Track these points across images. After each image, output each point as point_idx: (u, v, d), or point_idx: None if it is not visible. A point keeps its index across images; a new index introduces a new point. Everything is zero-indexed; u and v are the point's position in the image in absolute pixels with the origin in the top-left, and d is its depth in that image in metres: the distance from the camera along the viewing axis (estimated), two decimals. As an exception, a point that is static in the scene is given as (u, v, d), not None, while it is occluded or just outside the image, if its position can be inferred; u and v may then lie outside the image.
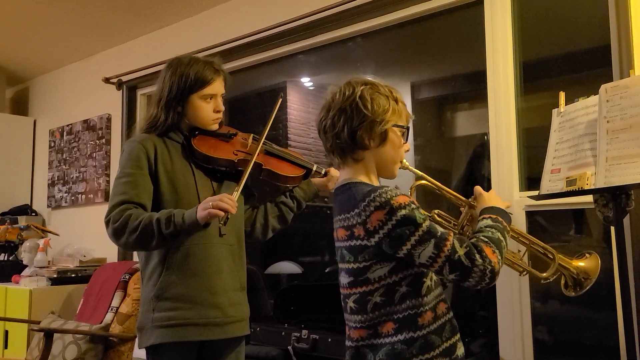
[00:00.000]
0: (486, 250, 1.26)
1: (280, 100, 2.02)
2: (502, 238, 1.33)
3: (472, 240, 1.30)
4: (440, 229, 1.28)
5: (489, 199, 1.50)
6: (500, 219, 1.40)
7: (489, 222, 1.38)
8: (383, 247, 1.28)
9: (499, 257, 1.28)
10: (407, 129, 1.44)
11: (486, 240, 1.30)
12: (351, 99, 1.37)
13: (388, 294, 1.32)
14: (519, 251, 1.63)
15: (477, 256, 1.25)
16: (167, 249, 1.76)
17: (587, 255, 1.59)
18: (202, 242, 1.79)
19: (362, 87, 1.38)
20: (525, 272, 1.60)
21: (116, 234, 1.70)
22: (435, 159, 3.07)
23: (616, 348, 1.93)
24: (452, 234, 1.28)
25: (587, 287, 1.55)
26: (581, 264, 1.58)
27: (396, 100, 1.41)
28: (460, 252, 1.25)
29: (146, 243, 1.68)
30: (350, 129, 1.36)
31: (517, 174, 2.28)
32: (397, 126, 1.41)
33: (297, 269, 3.41)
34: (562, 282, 1.60)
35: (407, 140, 1.45)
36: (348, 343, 1.41)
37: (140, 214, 1.69)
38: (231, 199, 1.65)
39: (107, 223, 1.71)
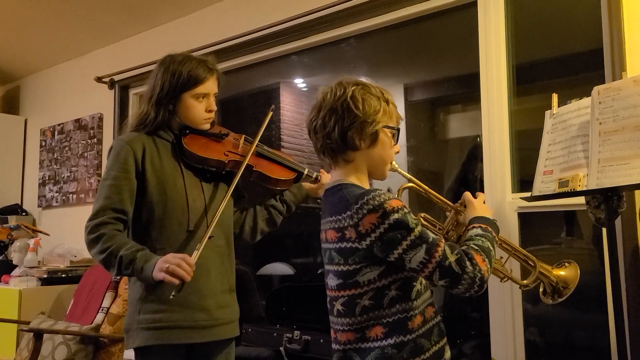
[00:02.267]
0: (476, 258, 1.27)
1: (271, 113, 2.01)
2: (491, 247, 1.34)
3: (463, 248, 1.30)
4: (432, 235, 1.27)
5: (479, 207, 1.50)
6: (490, 229, 1.41)
7: (479, 231, 1.39)
8: (374, 251, 1.28)
9: (488, 266, 1.29)
10: (398, 130, 1.44)
11: (477, 248, 1.30)
12: (342, 99, 1.36)
13: (377, 298, 1.31)
14: (501, 258, 1.64)
15: (468, 263, 1.25)
16: (154, 250, 1.74)
17: (566, 264, 1.60)
18: (190, 243, 1.77)
19: (353, 88, 1.37)
20: (505, 279, 1.60)
21: (88, 245, 1.72)
22: (428, 160, 3.07)
23: (607, 349, 1.93)
24: (443, 240, 1.28)
25: (566, 296, 1.56)
26: (561, 272, 1.58)
27: (387, 102, 1.41)
28: (451, 258, 1.25)
29: (107, 268, 1.71)
30: (341, 129, 1.36)
31: (509, 176, 2.29)
32: (388, 127, 1.40)
33: (289, 270, 3.40)
34: (541, 289, 1.61)
35: (397, 141, 1.44)
36: (335, 346, 1.40)
37: (112, 236, 1.69)
38: (190, 265, 1.61)
39: (85, 229, 1.72)
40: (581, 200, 1.73)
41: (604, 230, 1.68)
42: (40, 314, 3.18)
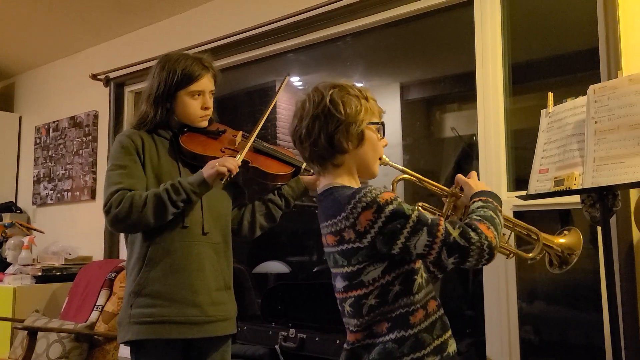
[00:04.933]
0: (480, 227, 1.26)
1: (287, 78, 2.07)
2: (495, 215, 1.32)
3: (466, 221, 1.29)
4: (430, 216, 1.27)
5: (475, 184, 1.49)
6: (491, 200, 1.40)
7: (480, 203, 1.38)
8: (377, 246, 1.27)
9: (495, 233, 1.27)
10: (382, 123, 1.43)
11: (479, 218, 1.30)
12: (322, 105, 1.35)
13: (382, 295, 1.31)
14: (504, 235, 1.63)
15: (472, 233, 1.24)
16: (147, 244, 1.75)
17: (566, 232, 1.59)
18: (184, 239, 1.77)
19: (330, 91, 1.36)
20: (511, 255, 1.58)
21: (121, 217, 1.69)
22: (424, 159, 3.08)
23: (602, 348, 1.94)
24: (442, 219, 1.27)
25: (572, 263, 1.54)
26: (564, 240, 1.57)
27: (366, 98, 1.40)
28: (454, 233, 1.24)
29: (161, 214, 1.71)
30: (327, 134, 1.35)
31: (505, 174, 2.29)
32: (372, 123, 1.40)
33: (285, 269, 3.40)
34: (547, 260, 1.59)
35: (383, 135, 1.43)
36: (344, 346, 1.40)
37: (141, 193, 1.72)
38: (235, 160, 1.78)
39: (107, 211, 1.71)
40: (576, 198, 1.74)
41: (599, 228, 1.68)
42: (35, 312, 3.17)
